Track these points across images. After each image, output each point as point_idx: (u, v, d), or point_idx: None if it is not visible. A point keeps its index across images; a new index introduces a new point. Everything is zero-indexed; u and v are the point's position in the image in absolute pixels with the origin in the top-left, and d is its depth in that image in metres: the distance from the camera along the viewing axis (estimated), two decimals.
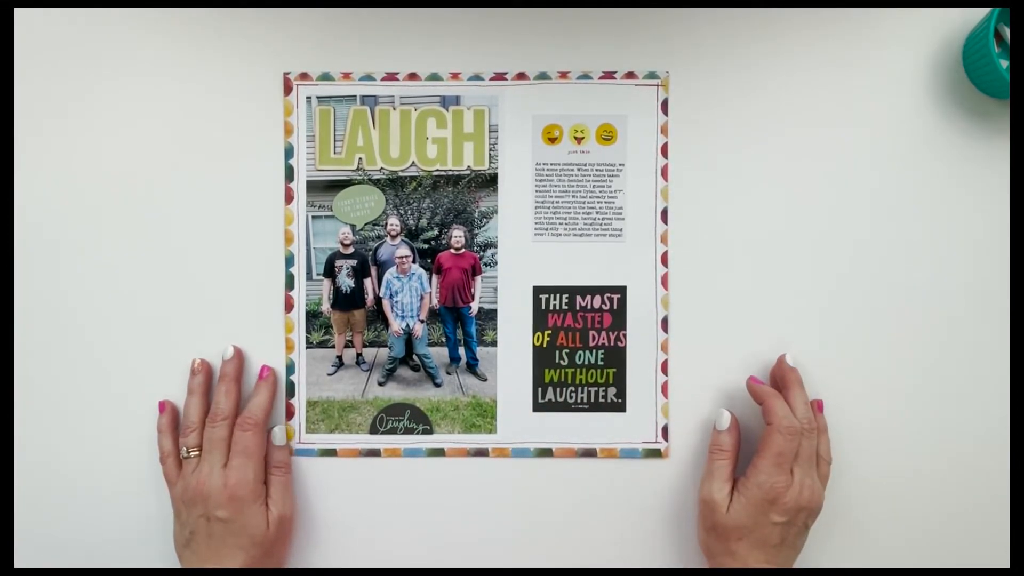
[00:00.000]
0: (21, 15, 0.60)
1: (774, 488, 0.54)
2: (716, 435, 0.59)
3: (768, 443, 0.55)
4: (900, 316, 0.61)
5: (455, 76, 0.61)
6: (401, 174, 0.61)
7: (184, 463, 0.58)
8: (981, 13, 0.59)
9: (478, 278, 0.61)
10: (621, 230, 0.61)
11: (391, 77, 0.61)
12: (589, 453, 0.61)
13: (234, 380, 0.59)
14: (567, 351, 0.61)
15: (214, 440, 0.57)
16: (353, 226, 0.61)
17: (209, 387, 0.60)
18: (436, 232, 0.61)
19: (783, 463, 0.55)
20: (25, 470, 0.61)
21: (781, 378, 0.59)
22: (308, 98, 0.61)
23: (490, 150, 0.61)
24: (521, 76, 0.61)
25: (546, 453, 0.61)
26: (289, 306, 0.61)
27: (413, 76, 0.61)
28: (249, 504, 0.56)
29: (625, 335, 0.61)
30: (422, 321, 0.62)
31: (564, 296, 0.61)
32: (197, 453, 0.57)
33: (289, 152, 0.61)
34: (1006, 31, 0.59)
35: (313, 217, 0.61)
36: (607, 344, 0.61)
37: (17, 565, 0.60)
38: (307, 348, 0.61)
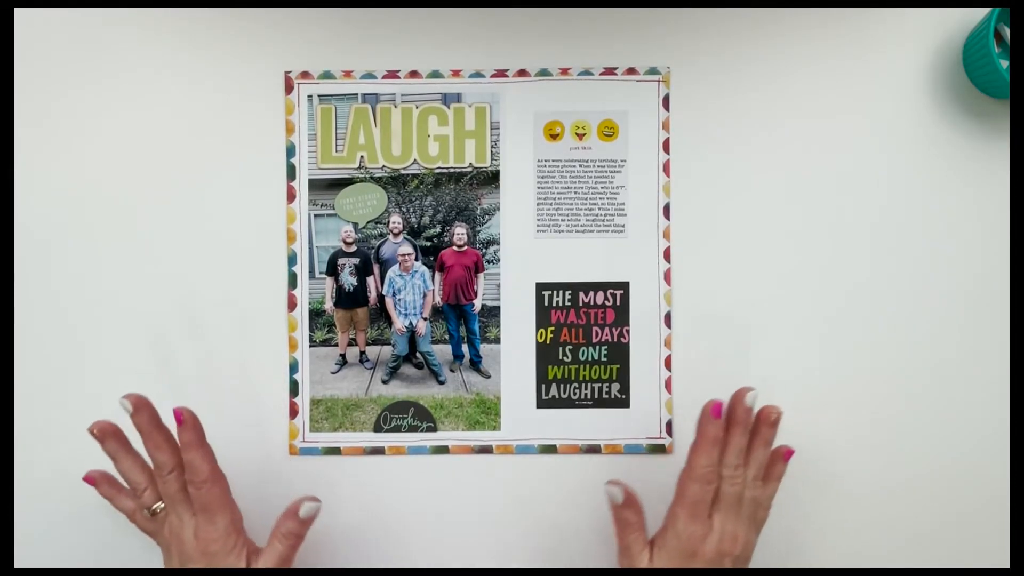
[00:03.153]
0: (21, 15, 0.60)
1: (691, 539, 0.51)
2: (617, 510, 0.54)
3: (682, 490, 0.53)
4: (900, 315, 0.61)
5: (456, 73, 0.61)
6: (403, 172, 0.61)
7: (155, 517, 0.54)
8: (981, 13, 0.59)
9: (481, 275, 0.61)
10: (623, 226, 0.61)
11: (392, 75, 0.61)
12: (593, 449, 0.61)
13: (155, 428, 0.52)
14: (570, 347, 0.61)
15: (170, 495, 0.52)
16: (355, 224, 0.61)
17: (125, 442, 0.54)
18: (438, 229, 0.61)
19: (698, 513, 0.52)
20: (25, 470, 0.61)
21: (731, 413, 0.53)
22: (309, 96, 0.61)
23: (492, 147, 0.61)
24: (522, 73, 0.61)
25: (550, 450, 0.61)
26: (292, 305, 0.61)
27: (414, 74, 0.61)
28: (224, 556, 0.52)
29: (628, 331, 0.61)
30: (425, 319, 0.61)
31: (567, 292, 0.61)
32: (162, 505, 0.53)
33: (291, 151, 0.61)
34: (1006, 31, 0.59)
35: (315, 215, 0.61)
36: (610, 340, 0.61)
37: (17, 565, 0.60)
38: (310, 347, 0.61)
